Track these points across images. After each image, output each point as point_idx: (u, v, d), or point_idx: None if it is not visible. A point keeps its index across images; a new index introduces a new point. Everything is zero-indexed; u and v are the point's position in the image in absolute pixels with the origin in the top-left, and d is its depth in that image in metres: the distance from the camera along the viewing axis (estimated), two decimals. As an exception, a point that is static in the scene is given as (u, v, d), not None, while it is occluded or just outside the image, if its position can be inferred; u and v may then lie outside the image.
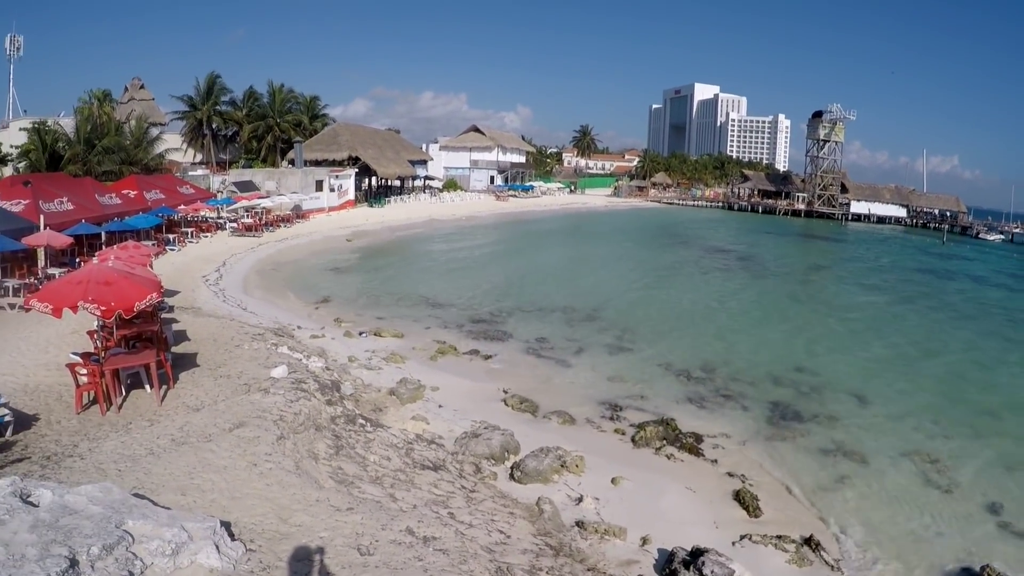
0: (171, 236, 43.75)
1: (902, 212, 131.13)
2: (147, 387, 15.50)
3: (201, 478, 10.83)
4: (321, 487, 11.44)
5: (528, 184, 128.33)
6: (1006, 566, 13.46)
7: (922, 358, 31.35)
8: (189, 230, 47.38)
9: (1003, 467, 19.30)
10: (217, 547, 7.73)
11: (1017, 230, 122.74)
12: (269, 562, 8.33)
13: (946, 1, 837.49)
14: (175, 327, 21.37)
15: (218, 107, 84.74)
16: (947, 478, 18.06)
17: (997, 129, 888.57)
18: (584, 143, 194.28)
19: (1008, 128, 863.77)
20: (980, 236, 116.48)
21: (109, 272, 15.72)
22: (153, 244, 38.66)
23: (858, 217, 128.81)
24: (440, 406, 19.07)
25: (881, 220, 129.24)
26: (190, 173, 67.70)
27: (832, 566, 13.20)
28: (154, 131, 66.50)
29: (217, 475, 10.99)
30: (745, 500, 15.45)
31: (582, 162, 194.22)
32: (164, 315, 22.25)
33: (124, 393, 15.20)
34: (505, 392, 21.12)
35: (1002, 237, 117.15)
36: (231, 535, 8.41)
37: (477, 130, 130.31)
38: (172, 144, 73.71)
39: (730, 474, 17.11)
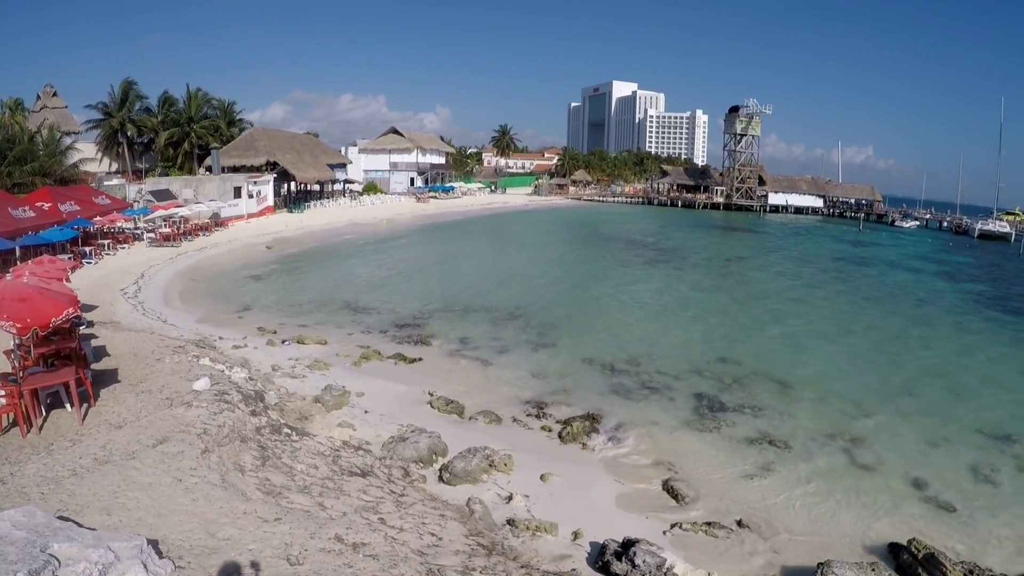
0: (88, 249, 42.57)
1: (819, 203, 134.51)
2: (68, 406, 15.17)
3: (126, 496, 10.69)
4: (248, 499, 11.39)
5: (448, 185, 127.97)
6: (932, 539, 13.98)
7: (841, 342, 32.47)
8: (106, 242, 46.16)
9: (925, 443, 20.18)
10: (145, 566, 7.67)
11: (927, 216, 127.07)
12: (198, 577, 8.33)
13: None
14: (94, 343, 20.90)
15: (133, 114, 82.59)
16: (871, 457, 18.79)
17: (910, 119, 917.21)
18: (504, 143, 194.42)
19: (921, 117, 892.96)
20: (895, 224, 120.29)
21: (23, 288, 15.39)
22: (69, 258, 37.69)
23: (776, 208, 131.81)
24: (366, 411, 19.06)
25: (799, 211, 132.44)
26: (106, 183, 65.88)
27: (763, 548, 13.61)
28: (68, 140, 64.61)
29: (142, 493, 10.86)
30: (674, 489, 15.81)
31: (502, 162, 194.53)
32: (83, 331, 21.73)
33: (44, 413, 14.85)
34: (431, 394, 21.16)
35: (916, 224, 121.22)
36: (159, 553, 8.37)
37: (396, 132, 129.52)
38: (87, 153, 71.47)
39: (658, 464, 17.48)
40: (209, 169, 76.93)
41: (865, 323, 37.22)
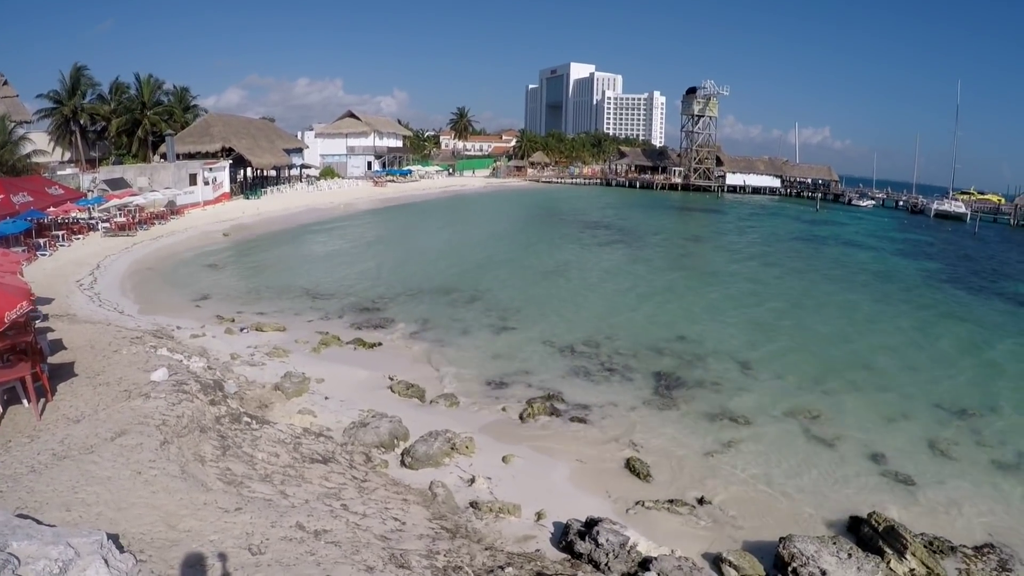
0: (41, 240, 41.83)
1: (776, 183, 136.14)
2: (24, 402, 14.99)
3: (85, 491, 10.61)
4: (209, 490, 11.36)
5: (406, 168, 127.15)
6: (892, 512, 14.37)
7: (799, 320, 33.04)
8: (60, 233, 45.37)
9: (883, 418, 20.66)
10: (106, 561, 7.64)
11: (882, 196, 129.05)
12: (160, 571, 8.30)
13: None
14: (50, 336, 20.62)
15: (85, 103, 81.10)
16: (831, 432, 19.19)
17: (867, 100, 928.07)
18: (461, 125, 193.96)
19: (877, 98, 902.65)
20: (852, 203, 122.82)
21: (-26, 283, 15.16)
22: (23, 250, 37.07)
23: (734, 189, 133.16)
24: (327, 398, 19.05)
25: (756, 191, 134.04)
26: (59, 173, 64.57)
27: (725, 524, 13.85)
28: (20, 131, 63.37)
29: (101, 487, 10.79)
30: (636, 468, 16.02)
31: (460, 144, 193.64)
32: (38, 324, 21.47)
33: (1, 410, 14.70)
34: (391, 379, 21.20)
35: (873, 203, 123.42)
36: (120, 547, 8.33)
37: (353, 116, 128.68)
38: (39, 144, 70.18)
39: (620, 443, 17.69)
40: (164, 156, 75.77)
41: (823, 301, 37.83)
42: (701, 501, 14.65)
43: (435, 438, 15.88)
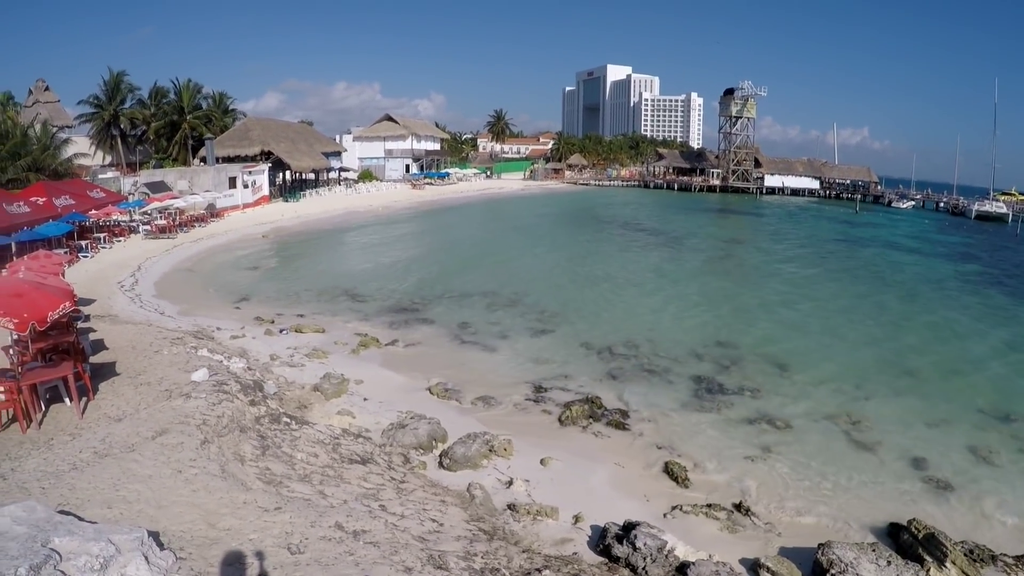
0: (83, 242, 42.49)
1: (815, 184, 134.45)
2: (67, 400, 15.16)
3: (126, 489, 10.69)
4: (248, 489, 11.40)
5: (444, 171, 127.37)
6: (932, 519, 14.04)
7: (839, 323, 32.54)
8: (102, 235, 46.01)
9: (924, 424, 20.18)
10: (146, 558, 7.67)
11: (919, 196, 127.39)
12: (200, 569, 8.32)
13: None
14: (92, 336, 20.88)
15: (125, 106, 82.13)
16: (871, 438, 18.82)
17: (905, 100, 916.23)
18: (498, 128, 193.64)
19: (916, 98, 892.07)
20: (892, 204, 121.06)
21: (19, 284, 15.36)
22: (65, 252, 37.60)
23: (772, 191, 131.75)
24: (365, 399, 19.08)
25: (795, 192, 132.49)
26: (100, 176, 65.42)
27: (763, 530, 13.65)
28: (61, 135, 64.30)
29: (142, 485, 10.87)
30: (674, 472, 15.84)
31: (497, 147, 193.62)
32: (80, 325, 21.71)
33: (44, 408, 14.84)
34: (430, 381, 21.21)
35: (913, 204, 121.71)
36: (160, 545, 8.36)
37: (391, 119, 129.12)
38: (81, 147, 71.29)
39: (658, 447, 17.50)
40: (204, 160, 76.61)
41: (862, 304, 37.30)
42: (739, 506, 14.44)
43: (473, 440, 15.83)
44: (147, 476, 11.22)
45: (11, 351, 16.54)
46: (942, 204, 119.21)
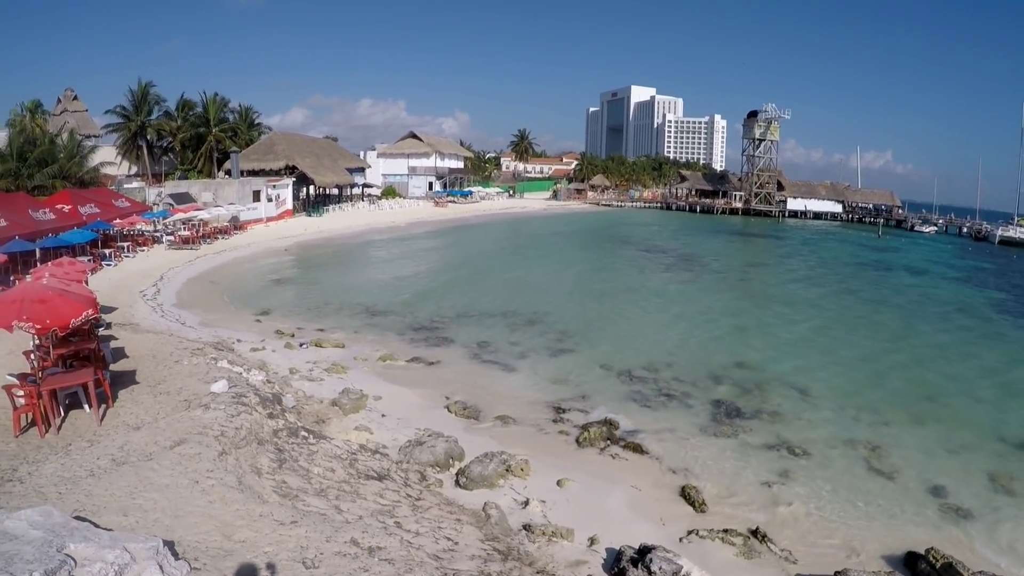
0: (107, 251, 42.94)
1: (838, 208, 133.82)
2: (86, 407, 15.24)
3: (143, 497, 10.70)
4: (265, 502, 11.38)
5: (467, 189, 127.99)
6: (950, 547, 13.84)
7: (860, 348, 32.20)
8: (125, 244, 46.54)
9: (944, 451, 19.96)
10: (161, 567, 7.66)
11: (941, 221, 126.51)
12: (214, 579, 8.31)
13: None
14: (113, 344, 21.02)
15: (152, 117, 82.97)
16: (889, 464, 18.59)
17: (929, 124, 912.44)
18: (522, 147, 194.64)
19: (939, 122, 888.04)
20: (915, 229, 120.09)
21: (43, 290, 15.46)
22: (89, 260, 37.97)
23: (795, 214, 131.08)
24: (383, 415, 19.09)
25: (817, 216, 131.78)
26: (125, 186, 66.19)
27: (779, 556, 13.50)
28: (88, 144, 64.95)
29: (159, 494, 10.87)
30: (691, 496, 15.70)
31: (520, 166, 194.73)
32: (102, 332, 21.89)
33: (63, 414, 14.93)
34: (448, 399, 21.21)
35: (935, 229, 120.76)
36: (175, 554, 8.35)
37: (415, 136, 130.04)
38: (107, 156, 72.01)
39: (675, 471, 17.36)
40: (228, 173, 77.32)
41: (885, 330, 36.94)
42: (756, 532, 14.28)
43: (490, 459, 15.76)
44: (164, 485, 11.22)
45: (32, 356, 16.65)
46: (965, 229, 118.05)
